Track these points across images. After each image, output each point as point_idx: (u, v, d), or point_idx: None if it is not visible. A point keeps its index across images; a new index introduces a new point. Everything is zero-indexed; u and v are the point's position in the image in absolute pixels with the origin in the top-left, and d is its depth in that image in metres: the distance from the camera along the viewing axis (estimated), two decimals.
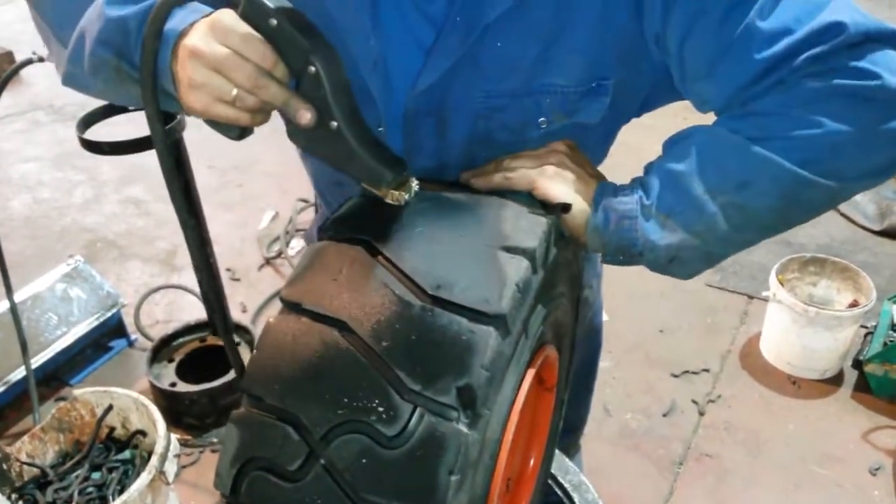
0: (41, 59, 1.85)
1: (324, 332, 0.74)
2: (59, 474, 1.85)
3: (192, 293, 2.92)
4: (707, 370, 2.70)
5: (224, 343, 0.99)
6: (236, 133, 0.83)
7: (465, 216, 0.83)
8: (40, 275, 2.64)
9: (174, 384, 2.40)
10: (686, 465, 2.36)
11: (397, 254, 0.77)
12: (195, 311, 2.85)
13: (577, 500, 1.22)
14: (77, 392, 1.93)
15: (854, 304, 2.61)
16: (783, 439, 2.43)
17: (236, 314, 2.89)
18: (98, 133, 1.93)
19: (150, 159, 2.28)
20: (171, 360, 2.50)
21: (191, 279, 3.05)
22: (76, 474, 1.87)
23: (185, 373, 2.45)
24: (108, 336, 2.76)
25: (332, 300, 0.75)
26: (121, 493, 1.74)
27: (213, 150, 3.95)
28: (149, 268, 3.28)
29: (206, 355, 2.53)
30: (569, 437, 1.59)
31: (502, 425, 0.81)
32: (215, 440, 2.40)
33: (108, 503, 1.81)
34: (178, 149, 2.11)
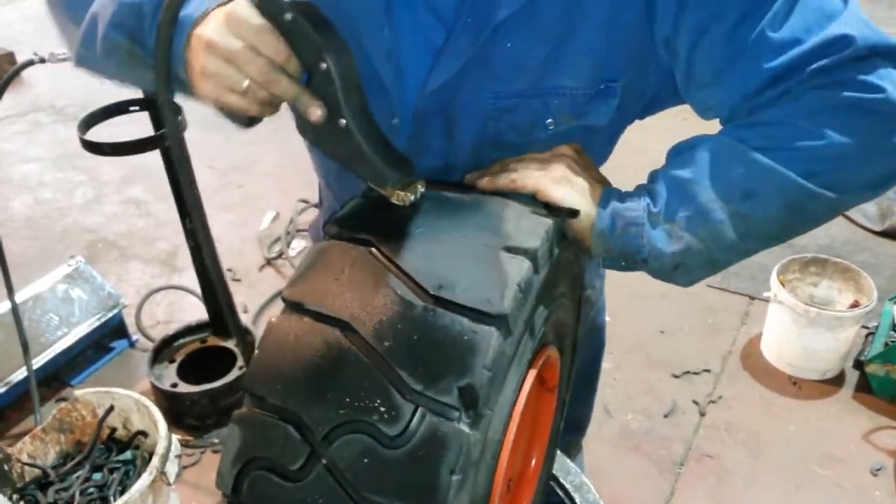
0: (42, 61, 1.85)
1: (326, 332, 0.74)
2: (61, 475, 1.86)
3: (193, 294, 2.91)
4: (708, 371, 2.70)
5: (234, 334, 0.99)
6: (246, 121, 0.84)
7: (467, 216, 0.84)
8: (41, 275, 2.65)
9: (175, 385, 2.40)
10: (687, 465, 2.36)
11: (399, 254, 0.77)
12: (196, 311, 2.85)
13: (578, 500, 1.22)
14: (78, 393, 1.93)
15: (855, 305, 2.61)
16: (784, 440, 2.43)
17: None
18: (99, 134, 1.93)
19: (151, 160, 2.30)
20: (173, 361, 2.50)
21: (191, 280, 3.05)
22: (77, 475, 1.87)
23: (186, 373, 2.45)
24: (109, 337, 2.76)
25: (334, 300, 0.75)
26: (122, 493, 1.74)
27: (214, 150, 3.97)
28: (149, 268, 3.28)
29: (207, 356, 2.53)
30: (573, 436, 1.59)
31: (504, 425, 0.81)
32: (216, 441, 2.39)
33: None
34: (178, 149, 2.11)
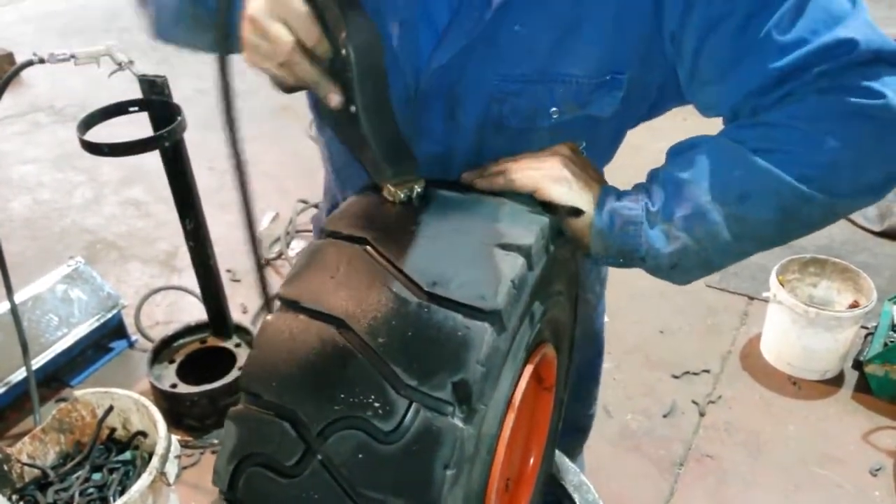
0: (42, 61, 1.86)
1: (321, 329, 0.74)
2: (60, 475, 1.86)
3: (193, 294, 2.92)
4: (707, 371, 2.70)
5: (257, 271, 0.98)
6: (284, 89, 0.86)
7: (462, 214, 0.84)
8: (41, 276, 2.65)
9: (175, 385, 2.40)
10: (686, 465, 2.36)
11: (394, 251, 0.77)
12: (196, 312, 2.85)
13: (577, 500, 1.21)
14: (78, 393, 1.93)
15: (854, 305, 2.61)
16: (783, 440, 2.43)
17: (237, 315, 2.89)
18: (98, 134, 1.93)
19: (151, 160, 2.30)
20: (172, 362, 2.51)
21: (191, 280, 3.05)
22: (77, 475, 1.88)
23: (185, 374, 2.46)
24: (108, 337, 2.77)
25: (329, 298, 0.76)
26: (122, 494, 1.75)
27: (214, 150, 3.95)
28: (149, 269, 3.29)
29: (207, 356, 2.53)
30: (577, 436, 1.58)
31: (499, 421, 0.81)
32: (216, 441, 2.40)
33: None
34: (178, 150, 2.12)
